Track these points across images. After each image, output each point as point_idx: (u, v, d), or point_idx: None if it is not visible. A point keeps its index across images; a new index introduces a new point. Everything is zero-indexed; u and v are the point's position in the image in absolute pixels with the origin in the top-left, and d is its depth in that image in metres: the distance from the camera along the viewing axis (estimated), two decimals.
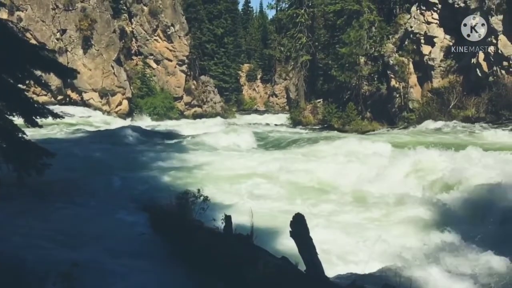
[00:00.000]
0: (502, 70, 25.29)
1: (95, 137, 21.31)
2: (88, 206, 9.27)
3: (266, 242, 7.03)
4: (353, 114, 31.14)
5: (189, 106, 45.57)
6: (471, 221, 8.54)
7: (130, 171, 13.20)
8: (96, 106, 37.22)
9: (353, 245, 7.72)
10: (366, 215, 9.73)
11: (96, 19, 37.07)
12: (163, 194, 8.86)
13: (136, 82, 41.13)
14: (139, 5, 42.39)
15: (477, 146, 13.36)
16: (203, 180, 11.85)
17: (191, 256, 6.39)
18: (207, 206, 7.24)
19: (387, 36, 32.40)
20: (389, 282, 5.16)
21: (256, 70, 69.36)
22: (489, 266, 6.58)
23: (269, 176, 12.83)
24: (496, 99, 24.96)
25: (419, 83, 30.53)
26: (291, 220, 5.14)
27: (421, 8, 30.29)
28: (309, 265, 5.11)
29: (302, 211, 5.21)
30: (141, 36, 42.65)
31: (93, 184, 11.26)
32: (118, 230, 7.57)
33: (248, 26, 76.90)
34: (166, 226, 7.45)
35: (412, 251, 7.22)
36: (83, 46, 36.96)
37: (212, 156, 16.30)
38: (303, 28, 39.31)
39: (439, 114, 26.83)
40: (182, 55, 43.48)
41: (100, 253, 6.43)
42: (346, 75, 32.18)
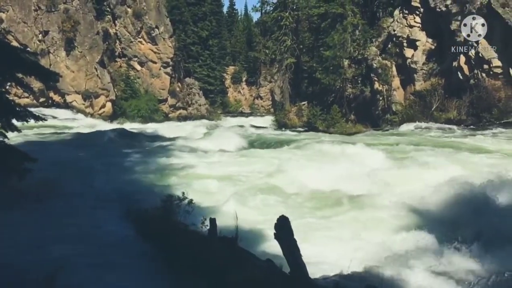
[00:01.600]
0: (483, 73, 25.77)
1: (78, 140, 21.08)
2: (69, 209, 9.17)
3: (251, 244, 7.05)
4: (337, 117, 31.37)
5: (173, 109, 45.37)
6: (449, 221, 8.69)
7: (113, 174, 13.08)
8: (79, 108, 36.82)
9: (335, 247, 7.79)
10: (346, 216, 9.81)
11: (79, 20, 36.70)
12: (147, 197, 8.83)
13: (120, 84, 40.79)
14: (123, 7, 42.08)
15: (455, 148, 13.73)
16: (187, 183, 11.81)
17: (175, 259, 6.37)
18: (192, 209, 7.24)
19: (370, 39, 32.76)
20: (371, 282, 5.22)
21: (241, 73, 69.35)
22: (467, 265, 6.70)
23: (254, 179, 12.84)
24: (477, 102, 25.41)
25: (402, 86, 30.92)
26: (275, 222, 5.18)
27: (404, 11, 30.72)
28: (294, 267, 5.15)
29: (285, 213, 5.25)
30: (125, 38, 42.34)
31: (74, 187, 11.13)
32: (100, 233, 7.51)
33: (233, 29, 76.85)
34: (150, 229, 7.42)
35: (392, 252, 7.31)
36: (66, 48, 36.54)
37: (197, 158, 16.25)
38: (287, 31, 39.49)
39: (422, 116, 27.19)
40: (166, 57, 43.29)
41: (82, 257, 6.37)
42: (331, 77, 32.43)
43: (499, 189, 9.73)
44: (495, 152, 15.02)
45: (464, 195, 9.91)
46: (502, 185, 9.90)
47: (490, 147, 16.16)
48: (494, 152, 15.02)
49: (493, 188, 9.77)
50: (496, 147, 16.21)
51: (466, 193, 9.93)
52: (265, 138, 24.41)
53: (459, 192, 10.06)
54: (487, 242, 7.42)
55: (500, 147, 16.19)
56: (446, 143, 17.58)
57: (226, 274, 5.58)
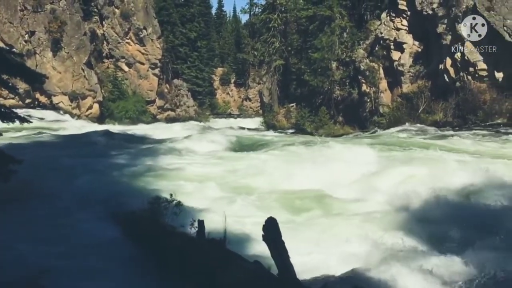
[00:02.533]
0: (468, 76, 26.09)
1: (64, 141, 20.85)
2: (53, 211, 9.05)
3: (239, 246, 7.05)
4: (325, 118, 31.54)
5: (162, 110, 45.17)
6: (436, 222, 8.78)
7: (100, 176, 12.95)
8: (66, 109, 36.43)
9: (322, 248, 7.82)
10: (331, 217, 9.86)
11: (66, 21, 36.34)
12: (134, 199, 8.75)
13: (108, 86, 40.49)
14: (110, 8, 41.80)
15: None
16: (175, 185, 11.74)
17: (163, 261, 6.34)
18: (180, 211, 7.21)
19: (358, 41, 33.00)
20: (359, 283, 5.26)
21: (230, 74, 69.33)
22: (455, 266, 6.76)
23: (243, 180, 12.84)
24: (462, 104, 25.72)
25: (389, 88, 31.18)
26: (264, 224, 5.19)
27: (391, 14, 31.00)
28: (281, 269, 5.16)
29: (274, 215, 5.26)
30: (113, 39, 42.05)
31: (61, 189, 10.99)
32: (86, 235, 7.43)
33: (221, 30, 76.82)
34: (138, 231, 7.37)
35: (380, 252, 7.36)
36: (53, 49, 36.16)
37: (185, 160, 16.18)
38: (276, 33, 39.61)
39: (409, 118, 27.44)
40: (154, 58, 43.10)
41: (69, 259, 6.31)
42: (319, 79, 32.60)
43: (487, 189, 9.88)
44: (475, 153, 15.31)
45: (451, 195, 10.05)
46: (489, 185, 10.05)
47: (471, 148, 16.49)
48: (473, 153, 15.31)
49: (481, 188, 9.92)
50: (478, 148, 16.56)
51: (453, 193, 10.06)
52: (255, 140, 24.42)
53: (446, 192, 10.19)
54: (475, 242, 7.51)
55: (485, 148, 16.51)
56: (429, 144, 17.77)
57: (214, 276, 5.57)
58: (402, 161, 13.68)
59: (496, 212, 9.08)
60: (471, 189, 10.33)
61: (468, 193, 10.21)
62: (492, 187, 10.19)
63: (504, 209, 9.10)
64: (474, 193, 10.15)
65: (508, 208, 9.09)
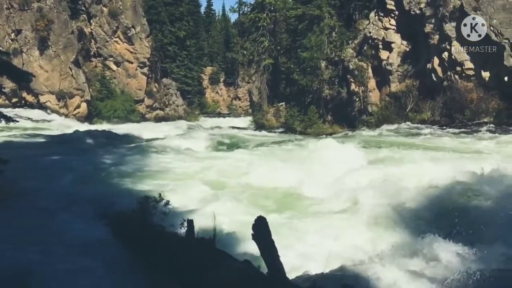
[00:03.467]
0: (456, 75, 26.36)
1: (52, 141, 20.65)
2: (43, 212, 8.95)
3: (229, 245, 7.05)
4: (314, 118, 31.61)
5: (150, 109, 44.93)
6: (424, 218, 8.85)
7: (88, 176, 12.85)
8: (53, 109, 36.08)
9: (311, 246, 7.85)
10: (321, 215, 9.90)
11: (53, 19, 35.98)
12: (123, 199, 8.71)
13: (96, 85, 40.18)
14: (98, 6, 41.46)
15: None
16: (164, 184, 11.70)
17: (152, 261, 6.31)
18: (169, 211, 7.18)
19: (347, 41, 33.15)
20: (348, 281, 5.28)
21: (219, 73, 69.26)
22: (442, 262, 6.82)
23: (232, 179, 12.83)
24: (450, 103, 25.98)
25: (377, 87, 31.37)
26: (253, 223, 5.18)
27: (379, 14, 31.18)
28: (271, 268, 5.15)
29: (263, 214, 5.25)
30: (101, 37, 41.72)
31: (49, 190, 10.87)
32: (74, 235, 7.36)
33: (210, 29, 76.69)
34: (127, 231, 7.33)
35: (368, 250, 7.41)
36: (40, 47, 35.77)
37: (174, 159, 16.12)
38: (265, 32, 39.59)
39: (397, 117, 27.64)
40: (143, 57, 42.85)
41: (56, 260, 6.24)
42: (308, 79, 32.67)
43: (477, 184, 9.98)
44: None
45: (439, 191, 10.12)
46: (480, 180, 10.15)
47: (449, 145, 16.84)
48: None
49: (470, 184, 10.03)
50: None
51: (442, 190, 10.14)
52: (244, 139, 24.43)
53: (434, 189, 10.27)
54: (463, 239, 7.58)
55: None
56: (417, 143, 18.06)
57: (203, 276, 5.55)
58: (386, 160, 13.85)
59: (479, 208, 9.18)
60: (453, 186, 10.42)
61: (451, 190, 10.29)
62: (473, 183, 10.32)
63: (486, 205, 9.18)
64: (457, 190, 10.23)
65: (491, 204, 9.17)
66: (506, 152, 15.56)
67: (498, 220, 8.24)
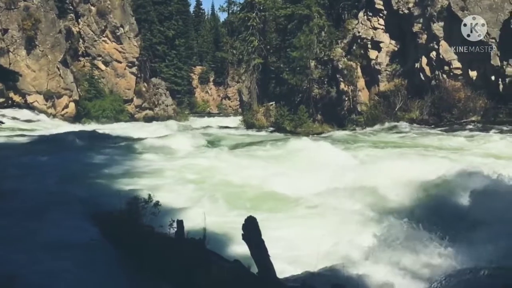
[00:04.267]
0: (444, 74, 26.62)
1: (38, 141, 20.40)
2: (29, 213, 8.81)
3: (219, 246, 7.02)
4: (304, 117, 31.67)
5: (139, 109, 44.67)
6: (413, 217, 8.90)
7: (76, 177, 12.72)
8: (41, 109, 35.68)
9: (300, 245, 7.86)
10: (308, 214, 9.92)
11: (40, 18, 35.58)
12: (112, 199, 8.61)
13: (84, 84, 39.84)
14: (86, 5, 41.11)
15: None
16: (154, 185, 11.63)
17: (142, 262, 6.27)
18: (159, 211, 7.13)
19: (336, 41, 33.29)
20: (338, 280, 5.30)
21: (209, 73, 69.06)
22: (431, 260, 6.86)
23: (221, 179, 12.80)
24: (438, 102, 26.23)
25: (366, 86, 31.55)
26: (243, 223, 5.18)
27: (368, 14, 31.35)
28: (261, 268, 5.16)
29: (253, 213, 5.25)
30: (89, 37, 41.38)
31: (35, 190, 10.69)
32: (65, 237, 7.27)
33: (200, 28, 76.41)
34: (116, 232, 7.27)
35: (357, 249, 7.43)
36: (27, 47, 35.35)
37: (163, 159, 16.05)
38: (255, 32, 39.58)
39: (386, 116, 27.83)
40: (132, 56, 42.59)
41: (45, 262, 6.17)
42: (297, 78, 32.74)
43: (467, 182, 10.05)
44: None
45: (430, 189, 10.18)
46: (469, 178, 10.23)
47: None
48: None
49: (460, 182, 10.11)
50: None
51: (432, 188, 10.20)
52: (234, 139, 24.41)
53: (425, 187, 10.33)
54: (455, 237, 7.63)
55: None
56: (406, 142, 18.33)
57: (194, 276, 5.53)
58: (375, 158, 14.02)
59: (467, 205, 9.25)
60: (440, 183, 10.50)
61: (438, 187, 10.37)
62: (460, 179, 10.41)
63: (473, 201, 9.24)
64: (443, 187, 10.31)
65: (478, 200, 9.24)
66: (480, 149, 16.18)
67: (485, 218, 8.31)
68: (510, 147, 16.70)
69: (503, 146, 17.01)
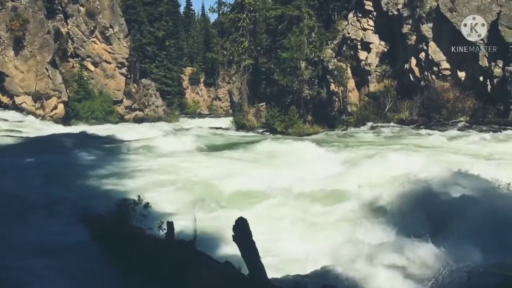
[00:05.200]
0: (433, 75, 26.83)
1: (26, 143, 20.16)
2: (16, 216, 8.67)
3: (209, 247, 6.98)
4: (295, 118, 31.73)
5: (129, 110, 44.39)
6: (404, 217, 8.93)
7: (65, 178, 12.57)
8: (29, 110, 35.26)
9: (291, 246, 7.85)
10: (301, 214, 9.91)
11: (28, 19, 35.19)
12: (102, 201, 8.53)
13: (73, 85, 39.49)
14: (75, 6, 40.77)
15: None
16: (144, 186, 11.53)
17: (132, 264, 6.21)
18: (148, 213, 7.08)
19: (326, 41, 33.38)
20: (329, 282, 5.29)
21: (199, 74, 68.93)
22: (424, 260, 6.88)
23: (212, 181, 12.74)
24: (427, 103, 26.43)
25: (356, 87, 31.70)
26: (234, 224, 5.15)
27: (358, 15, 31.50)
28: (252, 269, 5.13)
29: (243, 214, 5.22)
30: (78, 37, 41.05)
31: (23, 193, 10.51)
32: (52, 240, 7.17)
33: (190, 29, 76.27)
34: (106, 234, 7.20)
35: (348, 249, 7.43)
36: (15, 47, 34.94)
37: (153, 161, 15.92)
38: (245, 32, 39.52)
39: (376, 117, 27.98)
40: (121, 57, 42.31)
41: (29, 266, 6.08)
42: (288, 79, 32.78)
43: (460, 182, 10.12)
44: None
45: (423, 188, 10.22)
46: (462, 178, 10.29)
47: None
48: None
49: (454, 181, 10.17)
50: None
51: (426, 187, 10.24)
52: (225, 140, 24.35)
53: (418, 186, 10.35)
54: (449, 237, 7.66)
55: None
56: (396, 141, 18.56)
57: (184, 278, 5.50)
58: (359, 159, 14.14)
59: (458, 203, 9.29)
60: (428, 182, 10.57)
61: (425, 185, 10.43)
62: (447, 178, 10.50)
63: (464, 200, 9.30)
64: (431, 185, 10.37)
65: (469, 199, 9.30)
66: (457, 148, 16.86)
67: (473, 217, 8.36)
68: (486, 146, 17.19)
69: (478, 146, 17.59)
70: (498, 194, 9.34)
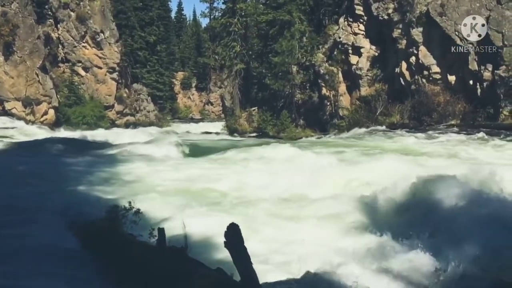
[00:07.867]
0: (423, 79, 27.03)
1: (16, 148, 19.98)
2: (7, 222, 8.54)
3: (201, 253, 6.94)
4: (287, 122, 31.81)
5: (121, 115, 44.20)
6: (397, 221, 8.95)
7: (55, 184, 12.44)
8: (20, 116, 34.99)
9: (282, 250, 7.83)
10: (294, 218, 9.90)
11: (18, 24, 34.96)
12: (92, 208, 8.44)
13: (64, 91, 39.26)
14: (65, 11, 40.58)
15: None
16: (135, 193, 11.42)
17: (122, 272, 6.14)
18: (139, 219, 7.01)
19: (317, 46, 33.51)
20: (321, 286, 5.27)
21: (191, 78, 68.87)
22: (416, 264, 6.89)
23: (202, 187, 12.69)
24: (418, 106, 26.62)
25: (348, 91, 31.83)
26: (225, 230, 5.12)
27: (348, 19, 31.69)
28: (244, 275, 5.10)
29: (236, 221, 5.19)
30: (69, 42, 40.84)
31: (11, 199, 10.35)
32: (41, 248, 7.06)
33: (181, 34, 76.24)
34: (96, 241, 7.12)
35: (341, 253, 7.43)
36: (4, 53, 34.69)
37: (144, 167, 15.80)
38: (236, 37, 39.59)
39: (367, 121, 28.11)
40: (112, 62, 42.15)
41: (21, 272, 5.98)
42: (280, 83, 32.85)
43: (450, 186, 10.16)
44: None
45: (415, 192, 10.25)
46: (451, 182, 10.34)
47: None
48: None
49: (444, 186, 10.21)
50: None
51: (417, 190, 10.28)
52: (217, 145, 24.29)
53: (409, 190, 10.39)
54: (440, 240, 7.67)
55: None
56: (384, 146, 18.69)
57: (176, 285, 5.45)
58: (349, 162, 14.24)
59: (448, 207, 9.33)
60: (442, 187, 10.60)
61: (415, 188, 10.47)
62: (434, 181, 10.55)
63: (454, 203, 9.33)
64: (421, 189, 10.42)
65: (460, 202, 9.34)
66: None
67: (463, 220, 8.40)
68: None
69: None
70: (489, 197, 9.39)
